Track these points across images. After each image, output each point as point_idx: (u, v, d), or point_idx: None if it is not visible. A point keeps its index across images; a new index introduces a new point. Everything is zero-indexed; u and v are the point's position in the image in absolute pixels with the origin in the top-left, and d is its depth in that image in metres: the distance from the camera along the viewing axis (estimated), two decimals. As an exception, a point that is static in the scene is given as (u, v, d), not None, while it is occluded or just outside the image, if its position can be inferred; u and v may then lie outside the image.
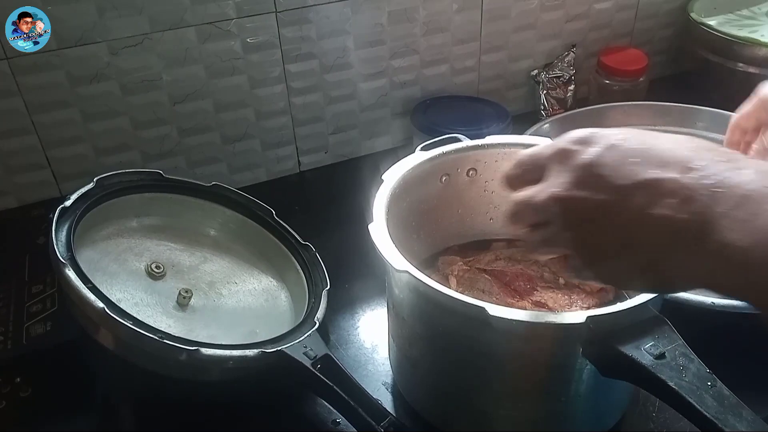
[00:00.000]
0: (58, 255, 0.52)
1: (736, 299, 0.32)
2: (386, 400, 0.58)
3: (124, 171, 0.65)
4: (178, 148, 0.83)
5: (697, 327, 0.57)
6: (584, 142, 0.34)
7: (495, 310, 0.40)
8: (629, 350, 0.37)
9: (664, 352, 0.38)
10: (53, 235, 0.53)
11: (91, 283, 0.51)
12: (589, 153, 0.33)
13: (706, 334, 0.58)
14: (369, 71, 0.89)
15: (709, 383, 0.36)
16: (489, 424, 0.51)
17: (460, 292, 0.57)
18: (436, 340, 0.50)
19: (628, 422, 0.55)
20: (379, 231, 0.49)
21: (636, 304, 0.41)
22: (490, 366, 0.47)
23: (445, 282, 0.60)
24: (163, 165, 0.81)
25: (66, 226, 0.55)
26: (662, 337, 0.38)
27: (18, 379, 0.58)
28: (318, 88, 0.87)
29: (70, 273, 0.51)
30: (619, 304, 0.41)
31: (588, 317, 0.39)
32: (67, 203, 0.57)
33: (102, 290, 0.56)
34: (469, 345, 0.46)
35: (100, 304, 0.49)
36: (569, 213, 0.33)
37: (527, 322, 0.40)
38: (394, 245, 0.48)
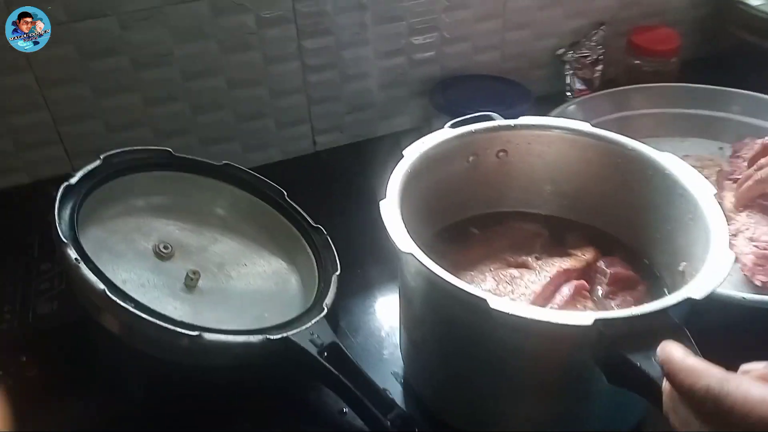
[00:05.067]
0: (60, 234, 0.50)
1: None
2: (395, 391, 0.57)
3: (132, 149, 0.63)
4: (190, 126, 0.81)
5: (725, 322, 0.55)
6: None
7: (496, 302, 0.38)
8: (638, 359, 0.35)
9: None
10: (56, 214, 0.52)
11: (93, 263, 0.50)
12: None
13: (736, 329, 0.55)
14: (387, 48, 0.86)
15: None
16: (491, 419, 0.49)
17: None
18: (440, 326, 0.48)
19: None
20: (391, 209, 0.47)
21: (653, 309, 0.38)
22: (491, 359, 0.45)
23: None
24: (175, 143, 0.79)
25: (70, 205, 0.54)
26: None
27: (24, 358, 0.58)
28: (334, 65, 0.84)
29: (72, 253, 0.49)
30: (633, 308, 0.38)
31: (596, 320, 0.37)
32: (72, 181, 0.56)
33: (108, 270, 0.55)
34: (471, 335, 0.44)
35: (101, 286, 0.48)
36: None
37: (529, 318, 0.38)
38: (404, 225, 0.46)
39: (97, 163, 0.60)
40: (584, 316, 0.37)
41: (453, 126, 0.57)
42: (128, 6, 0.71)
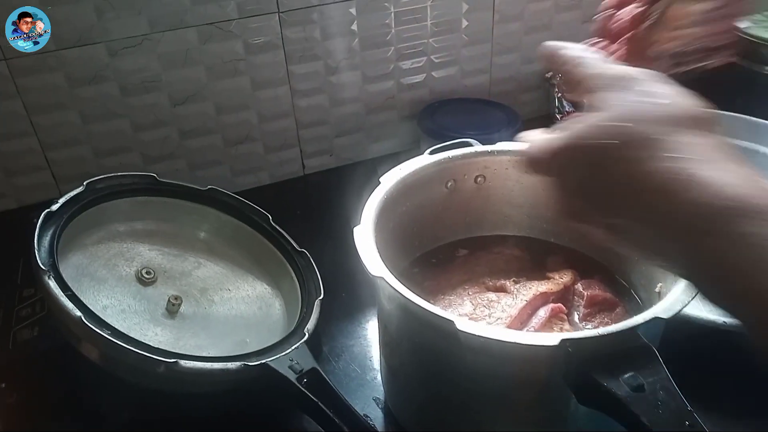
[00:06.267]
0: (39, 261, 0.50)
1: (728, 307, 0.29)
2: (376, 416, 0.56)
3: (116, 174, 0.63)
4: (179, 151, 0.81)
5: (703, 346, 0.54)
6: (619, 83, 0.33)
7: (463, 324, 0.38)
8: (605, 379, 0.34)
9: (643, 384, 0.34)
10: (35, 241, 0.52)
11: (71, 290, 0.50)
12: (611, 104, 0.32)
13: (713, 354, 0.55)
14: (375, 73, 0.86)
15: (687, 422, 0.33)
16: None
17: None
18: (414, 350, 0.48)
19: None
20: (365, 235, 0.47)
21: (620, 329, 0.38)
22: (464, 382, 0.44)
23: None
24: (163, 167, 0.80)
25: (50, 231, 0.54)
26: (645, 368, 0.35)
27: (3, 385, 0.57)
28: (322, 90, 0.85)
29: (49, 280, 0.49)
30: (601, 328, 0.38)
31: (563, 340, 0.37)
32: (54, 207, 0.56)
33: (88, 296, 0.55)
34: (443, 359, 0.44)
35: (78, 313, 0.48)
36: (579, 157, 0.32)
37: (496, 340, 0.38)
38: (379, 251, 0.46)
39: (80, 189, 0.60)
40: (551, 337, 0.37)
41: (432, 153, 0.57)
42: (117, 34, 0.72)
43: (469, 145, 0.59)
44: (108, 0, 0.69)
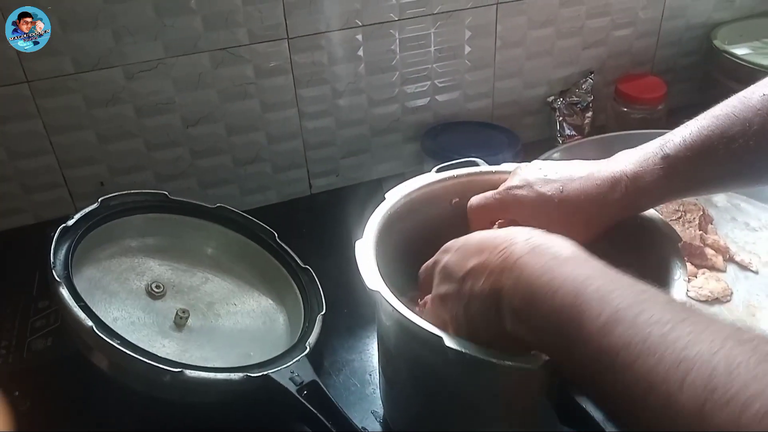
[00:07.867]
0: (54, 273, 0.53)
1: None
2: (373, 429, 0.58)
3: (128, 192, 0.66)
4: (190, 170, 0.84)
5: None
6: (444, 251, 0.47)
7: (451, 341, 0.40)
8: (585, 402, 0.35)
9: None
10: (51, 254, 0.55)
11: (83, 302, 0.52)
12: (442, 259, 0.46)
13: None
14: (381, 97, 0.89)
15: None
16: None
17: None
18: (408, 364, 0.49)
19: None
20: (366, 249, 0.49)
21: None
22: (454, 396, 0.46)
23: None
24: (175, 186, 0.83)
25: (66, 245, 0.57)
26: None
27: (17, 393, 0.60)
28: (330, 112, 0.88)
29: (64, 291, 0.52)
30: None
31: (546, 361, 0.38)
32: (69, 222, 0.59)
33: (100, 309, 0.57)
34: (434, 374, 0.46)
35: (89, 323, 0.50)
36: (443, 302, 0.44)
37: (481, 358, 0.39)
38: (379, 265, 0.48)
39: (95, 205, 0.63)
40: (533, 358, 0.38)
41: (438, 170, 0.59)
42: (133, 58, 0.75)
43: (476, 164, 0.61)
44: (125, 26, 0.73)
